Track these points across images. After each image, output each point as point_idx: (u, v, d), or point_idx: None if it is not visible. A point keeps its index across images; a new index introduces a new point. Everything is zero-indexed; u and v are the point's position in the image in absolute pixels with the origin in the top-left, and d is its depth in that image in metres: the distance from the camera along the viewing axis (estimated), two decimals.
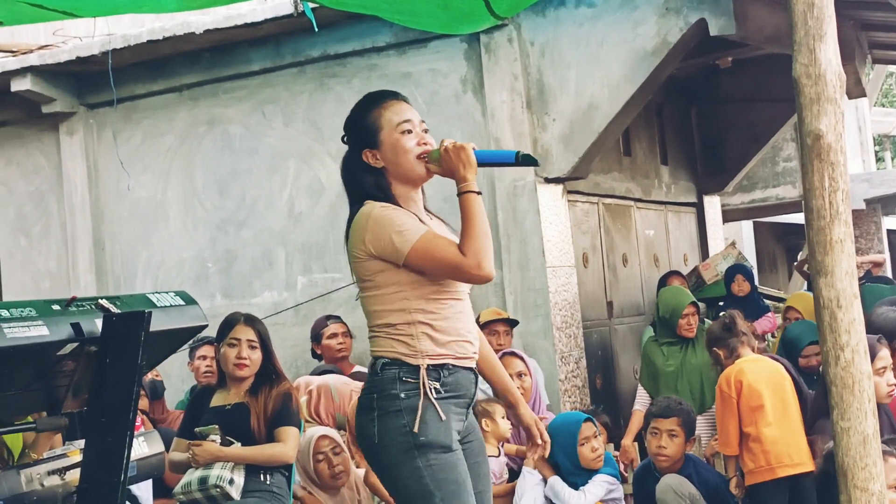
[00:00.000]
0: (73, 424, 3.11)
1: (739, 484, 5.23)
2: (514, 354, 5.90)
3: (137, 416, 3.75)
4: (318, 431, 5.24)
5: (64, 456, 3.32)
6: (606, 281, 7.89)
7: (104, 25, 7.68)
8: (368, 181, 3.29)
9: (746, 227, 15.26)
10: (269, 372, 4.84)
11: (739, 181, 10.15)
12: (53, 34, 7.99)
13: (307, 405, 5.63)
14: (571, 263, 7.09)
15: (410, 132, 3.31)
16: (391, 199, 3.27)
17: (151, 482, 5.44)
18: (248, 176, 7.69)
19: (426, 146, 3.32)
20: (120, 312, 3.15)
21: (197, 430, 4.69)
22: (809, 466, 5.02)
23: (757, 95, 9.19)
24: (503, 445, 5.60)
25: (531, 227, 6.82)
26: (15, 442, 4.56)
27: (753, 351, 5.40)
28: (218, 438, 4.62)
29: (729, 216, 11.97)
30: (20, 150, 8.44)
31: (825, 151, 3.03)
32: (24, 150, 8.43)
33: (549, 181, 6.89)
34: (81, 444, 3.22)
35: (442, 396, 3.17)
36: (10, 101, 8.08)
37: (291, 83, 7.54)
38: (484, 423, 5.49)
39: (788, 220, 15.09)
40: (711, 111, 9.61)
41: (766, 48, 7.63)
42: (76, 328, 3.03)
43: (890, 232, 17.00)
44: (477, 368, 3.33)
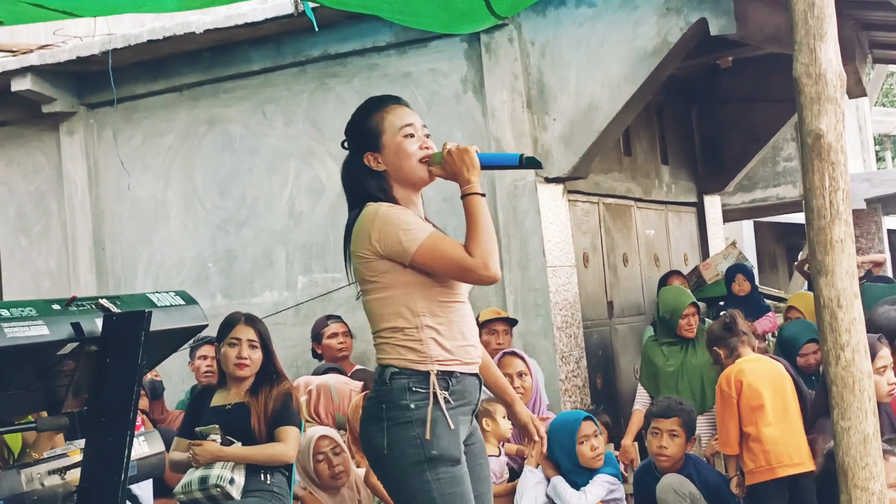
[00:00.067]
0: (73, 424, 3.11)
1: (740, 483, 5.23)
2: (514, 354, 5.90)
3: (138, 415, 3.76)
4: (318, 431, 5.24)
5: (64, 455, 3.32)
6: (607, 281, 7.89)
7: (104, 25, 7.67)
8: (370, 184, 3.28)
9: (747, 226, 15.26)
10: (269, 372, 4.84)
11: (740, 181, 10.15)
12: (54, 34, 7.99)
13: (307, 405, 5.63)
14: (572, 263, 7.09)
15: (412, 136, 3.31)
16: (392, 202, 3.26)
17: (152, 482, 5.44)
18: (248, 176, 7.69)
19: (427, 150, 3.31)
20: (120, 312, 3.15)
21: (197, 429, 4.69)
22: (809, 466, 5.02)
23: (757, 95, 9.19)
24: (503, 445, 5.60)
25: (531, 226, 6.82)
26: (15, 442, 4.56)
27: (754, 350, 5.39)
28: (218, 438, 4.62)
29: (729, 216, 11.97)
30: (20, 149, 8.44)
31: (825, 151, 3.03)
32: (24, 149, 8.43)
33: (549, 181, 6.89)
34: (82, 443, 3.22)
35: (451, 406, 3.17)
36: (10, 100, 8.08)
37: (292, 83, 7.54)
38: (485, 422, 5.49)
39: (789, 219, 15.09)
40: (712, 111, 9.61)
41: (766, 48, 7.63)
42: (76, 328, 3.03)
43: (890, 232, 17.01)
44: None
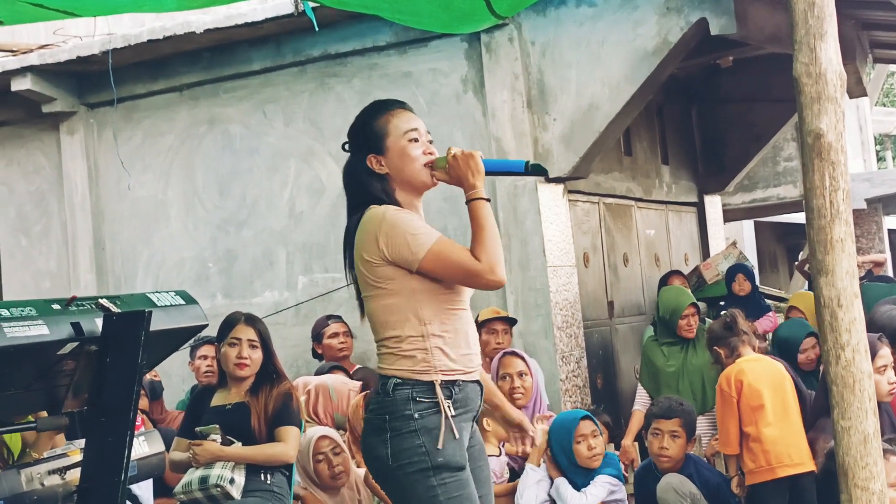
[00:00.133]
0: (73, 424, 3.11)
1: (740, 483, 5.23)
2: (514, 354, 5.89)
3: (138, 415, 3.76)
4: (318, 432, 5.23)
5: (64, 455, 3.32)
6: (607, 280, 7.89)
7: (104, 25, 7.67)
8: (373, 186, 3.27)
9: (747, 226, 15.26)
10: (269, 371, 4.84)
11: (740, 181, 10.15)
12: (54, 34, 8.00)
13: (305, 405, 5.62)
14: (572, 263, 7.09)
15: (416, 140, 3.30)
16: (395, 205, 3.25)
17: (152, 482, 5.44)
18: (248, 175, 7.69)
19: (431, 155, 3.31)
20: (120, 312, 3.15)
21: (197, 429, 4.69)
22: (810, 466, 5.02)
23: (758, 95, 9.18)
24: (504, 445, 5.60)
25: (532, 226, 6.82)
26: (15, 442, 4.56)
27: (754, 350, 5.39)
28: (219, 438, 4.62)
29: (730, 216, 11.97)
30: (20, 149, 8.44)
31: (826, 151, 3.03)
32: (24, 149, 8.43)
33: (549, 181, 6.89)
34: (82, 443, 3.22)
35: (454, 414, 3.17)
36: (10, 100, 8.08)
37: (292, 83, 7.54)
38: (485, 422, 5.48)
39: (789, 219, 15.09)
40: (712, 111, 9.61)
41: (766, 48, 7.63)
42: (76, 328, 3.03)
43: (891, 231, 17.00)
44: None
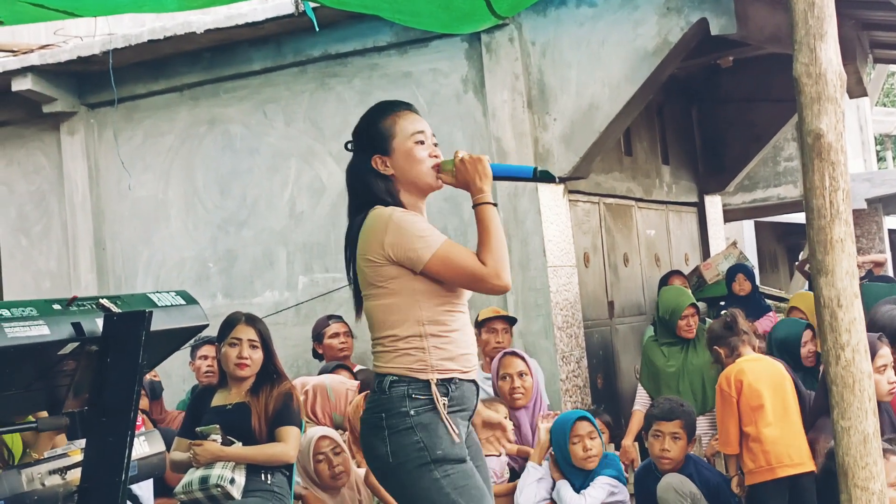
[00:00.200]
0: (73, 424, 3.11)
1: (740, 483, 5.22)
2: (514, 354, 5.90)
3: (138, 415, 3.76)
4: (318, 432, 5.24)
5: (65, 455, 3.32)
6: (607, 281, 7.89)
7: (105, 25, 7.68)
8: (378, 187, 3.26)
9: (748, 226, 15.26)
10: (270, 371, 4.84)
11: (740, 181, 10.15)
12: (54, 34, 8.00)
13: (303, 405, 5.62)
14: (572, 263, 7.09)
15: (423, 143, 3.30)
16: (399, 206, 3.25)
17: (152, 482, 5.44)
18: (248, 175, 7.69)
19: (437, 159, 3.31)
20: (121, 312, 3.15)
21: (198, 429, 4.69)
22: (809, 466, 5.02)
23: (758, 95, 9.18)
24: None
25: (532, 226, 6.82)
26: (15, 442, 4.56)
27: (754, 350, 5.39)
28: (219, 438, 4.62)
29: (730, 216, 11.97)
30: (21, 149, 8.45)
31: (826, 151, 3.03)
32: (24, 149, 8.44)
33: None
34: (82, 443, 3.22)
35: (450, 411, 3.16)
36: (10, 100, 8.08)
37: (292, 83, 7.54)
38: None
39: (789, 219, 15.09)
40: (712, 111, 9.61)
41: (766, 48, 7.63)
42: (77, 328, 3.04)
43: (891, 231, 16.98)
44: None
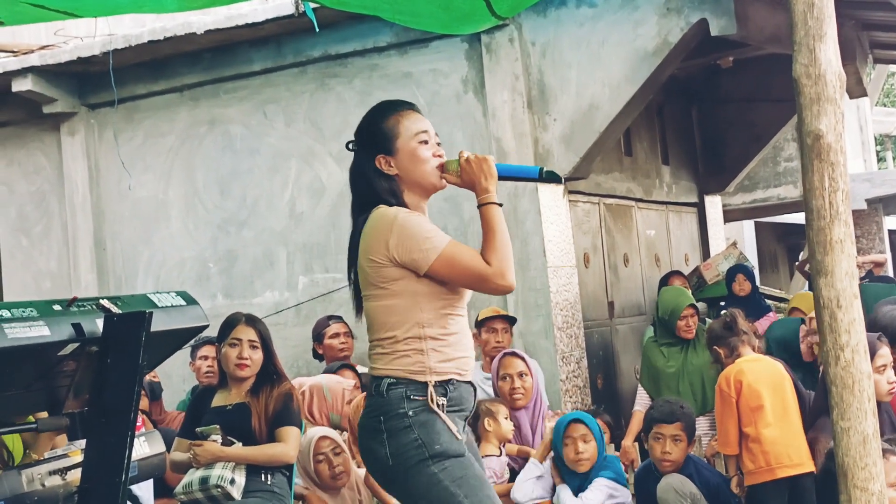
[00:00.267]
0: (74, 424, 3.11)
1: (740, 483, 5.22)
2: (514, 354, 5.90)
3: (139, 416, 3.76)
4: (318, 432, 5.24)
5: (65, 456, 3.32)
6: (607, 281, 7.89)
7: (105, 26, 7.69)
8: (382, 186, 3.25)
9: (748, 226, 15.26)
10: (270, 372, 4.84)
11: (741, 181, 10.15)
12: (55, 34, 8.00)
13: (301, 406, 5.62)
14: (572, 263, 7.10)
15: (426, 143, 3.29)
16: (403, 206, 3.24)
17: (152, 482, 5.44)
18: (249, 176, 7.70)
19: (440, 158, 3.30)
20: (121, 313, 3.15)
21: (198, 430, 4.69)
22: (809, 467, 5.01)
23: (758, 95, 9.19)
24: (504, 445, 5.60)
25: (532, 227, 6.82)
26: (15, 443, 4.56)
27: (754, 350, 5.38)
28: (219, 438, 4.62)
29: (730, 216, 11.97)
30: (21, 150, 8.45)
31: (825, 151, 3.03)
32: (25, 150, 8.44)
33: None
34: (82, 444, 3.22)
35: (448, 411, 3.17)
36: (11, 101, 8.09)
37: (292, 83, 7.55)
38: (486, 422, 5.49)
39: (790, 219, 15.09)
40: (712, 111, 9.62)
41: (766, 48, 7.63)
42: (77, 328, 3.03)
43: (891, 232, 16.99)
44: None
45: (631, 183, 8.35)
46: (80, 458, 3.23)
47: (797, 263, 11.50)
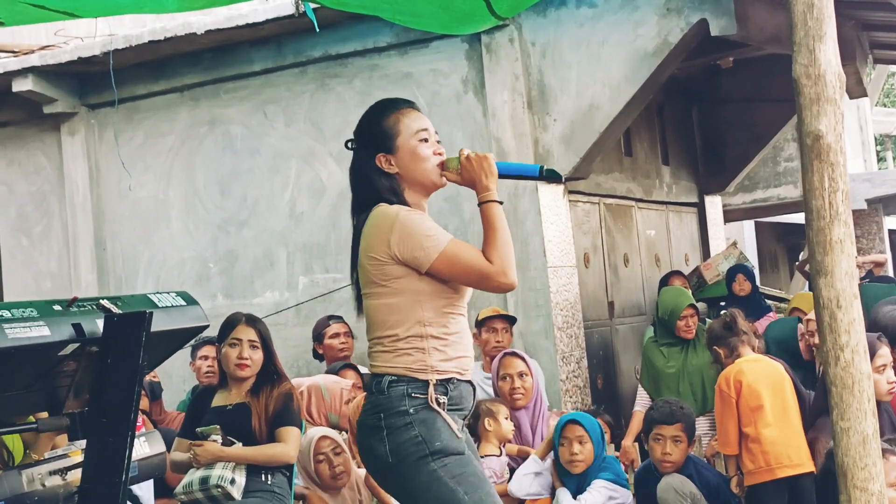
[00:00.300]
0: (74, 425, 3.11)
1: (740, 483, 5.22)
2: (514, 355, 5.90)
3: (139, 416, 3.76)
4: (318, 432, 5.24)
5: (65, 456, 3.32)
6: (607, 281, 7.89)
7: (105, 26, 7.69)
8: (383, 184, 3.25)
9: (748, 226, 15.26)
10: (270, 372, 4.84)
11: (741, 181, 10.15)
12: (55, 34, 8.01)
13: None
14: (572, 263, 7.10)
15: (427, 140, 3.29)
16: (404, 204, 3.23)
17: (153, 482, 5.44)
18: (249, 176, 7.70)
19: (441, 156, 3.30)
20: (121, 313, 3.15)
21: (198, 430, 4.69)
22: (809, 467, 5.01)
23: (758, 95, 9.19)
24: (505, 446, 5.60)
25: (532, 227, 6.83)
26: (15, 443, 4.56)
27: (754, 350, 5.38)
28: (219, 438, 4.62)
29: (730, 216, 11.97)
30: (21, 150, 8.45)
31: (825, 152, 3.03)
32: (25, 150, 8.44)
33: (550, 181, 6.89)
34: (82, 444, 3.22)
35: (447, 410, 3.16)
36: (11, 101, 8.09)
37: (293, 83, 7.55)
38: (487, 422, 5.49)
39: (790, 219, 15.09)
40: (712, 111, 9.62)
41: (767, 48, 7.63)
42: (77, 328, 3.03)
43: (891, 232, 16.98)
44: None
45: (631, 183, 8.36)
46: (80, 458, 3.24)
47: (797, 263, 11.51)
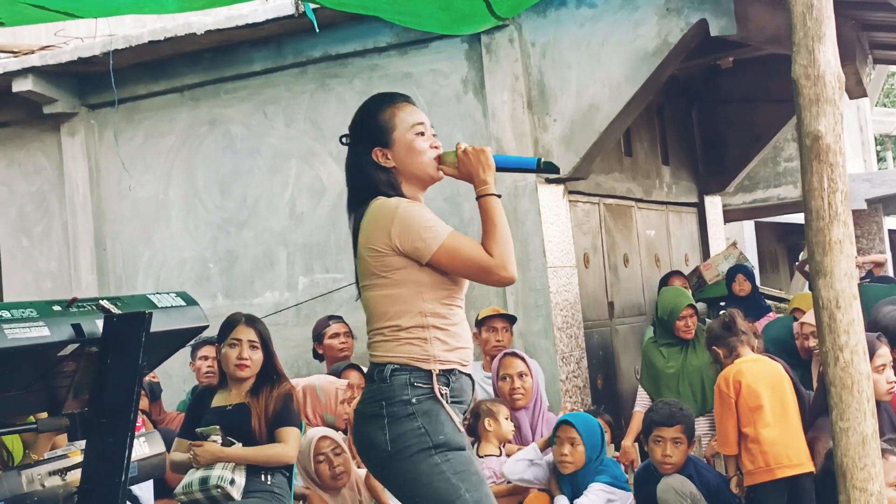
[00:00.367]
0: (73, 425, 3.11)
1: (739, 483, 5.22)
2: (514, 355, 5.90)
3: (139, 416, 3.76)
4: (318, 432, 5.24)
5: (65, 456, 3.33)
6: (607, 281, 7.89)
7: (105, 26, 7.69)
8: (380, 179, 3.23)
9: (748, 226, 15.26)
10: (270, 372, 4.84)
11: (741, 181, 10.15)
12: (55, 35, 8.01)
13: None
14: (572, 264, 7.10)
15: (423, 134, 3.28)
16: (402, 197, 3.23)
17: (152, 482, 5.44)
18: (249, 176, 7.70)
19: (437, 150, 3.30)
20: (121, 313, 3.15)
21: (198, 430, 4.69)
22: (808, 467, 5.01)
23: (758, 95, 9.19)
24: (505, 446, 5.60)
25: (532, 227, 6.83)
26: (15, 443, 4.56)
27: (753, 350, 5.38)
28: (219, 439, 4.62)
29: (730, 216, 11.97)
30: (22, 150, 8.45)
31: (824, 152, 3.03)
32: (25, 150, 8.45)
33: (549, 182, 6.89)
34: (82, 444, 3.23)
35: (450, 402, 3.15)
36: (11, 101, 8.09)
37: (293, 83, 7.55)
38: (487, 422, 5.49)
39: (790, 220, 15.09)
40: (712, 111, 9.62)
41: (766, 48, 7.64)
42: (77, 329, 3.04)
43: (891, 232, 16.98)
44: None
45: (631, 183, 8.36)
46: (79, 458, 3.24)
47: (797, 263, 11.50)
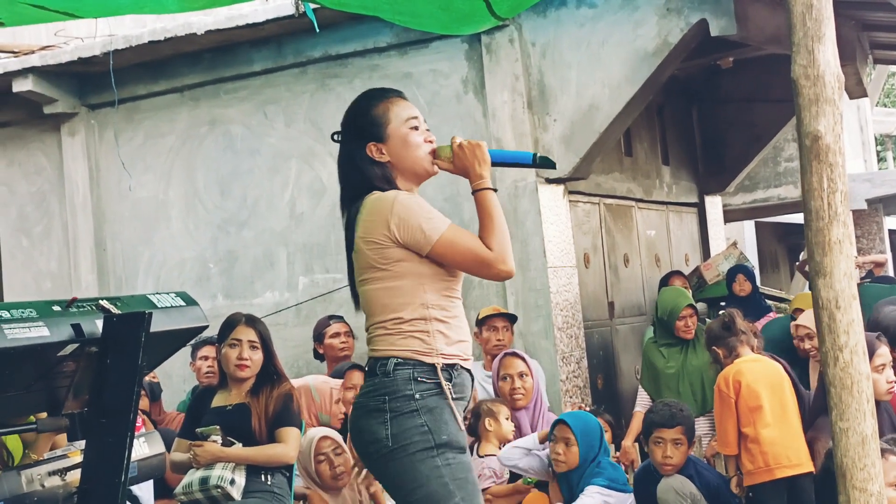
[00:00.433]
0: (73, 425, 3.11)
1: (739, 483, 5.22)
2: (515, 355, 5.90)
3: (138, 417, 3.76)
4: (319, 432, 5.24)
5: (64, 457, 3.33)
6: (608, 281, 7.89)
7: (105, 26, 7.69)
8: (375, 173, 3.22)
9: (748, 226, 15.26)
10: (270, 372, 4.84)
11: (741, 181, 10.15)
12: (55, 35, 8.01)
13: None
14: (572, 264, 7.10)
15: (417, 129, 3.28)
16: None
17: (152, 483, 5.44)
18: (249, 176, 7.70)
19: (431, 144, 3.29)
20: (120, 313, 3.16)
21: (198, 430, 4.69)
22: (808, 467, 5.01)
23: (758, 95, 9.19)
24: (505, 446, 5.60)
25: (532, 227, 6.83)
26: (15, 443, 4.56)
27: (753, 350, 5.38)
28: (219, 439, 4.63)
29: (730, 216, 11.97)
30: (22, 150, 8.45)
31: (824, 152, 3.03)
32: (25, 150, 8.45)
33: (550, 181, 6.89)
34: (82, 444, 3.23)
35: (453, 398, 3.13)
36: (11, 101, 8.09)
37: (293, 83, 7.55)
38: (487, 422, 5.50)
39: (790, 219, 15.09)
40: (712, 111, 9.62)
41: (766, 48, 7.64)
42: (77, 329, 3.04)
43: (892, 232, 16.98)
44: None
45: (631, 183, 8.36)
46: (79, 458, 3.24)
47: (797, 263, 11.50)
